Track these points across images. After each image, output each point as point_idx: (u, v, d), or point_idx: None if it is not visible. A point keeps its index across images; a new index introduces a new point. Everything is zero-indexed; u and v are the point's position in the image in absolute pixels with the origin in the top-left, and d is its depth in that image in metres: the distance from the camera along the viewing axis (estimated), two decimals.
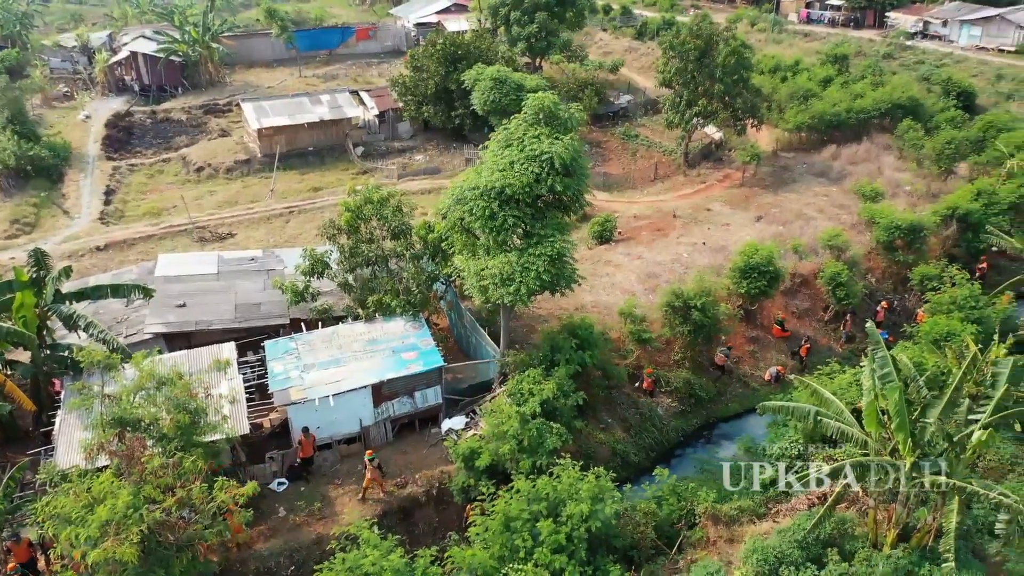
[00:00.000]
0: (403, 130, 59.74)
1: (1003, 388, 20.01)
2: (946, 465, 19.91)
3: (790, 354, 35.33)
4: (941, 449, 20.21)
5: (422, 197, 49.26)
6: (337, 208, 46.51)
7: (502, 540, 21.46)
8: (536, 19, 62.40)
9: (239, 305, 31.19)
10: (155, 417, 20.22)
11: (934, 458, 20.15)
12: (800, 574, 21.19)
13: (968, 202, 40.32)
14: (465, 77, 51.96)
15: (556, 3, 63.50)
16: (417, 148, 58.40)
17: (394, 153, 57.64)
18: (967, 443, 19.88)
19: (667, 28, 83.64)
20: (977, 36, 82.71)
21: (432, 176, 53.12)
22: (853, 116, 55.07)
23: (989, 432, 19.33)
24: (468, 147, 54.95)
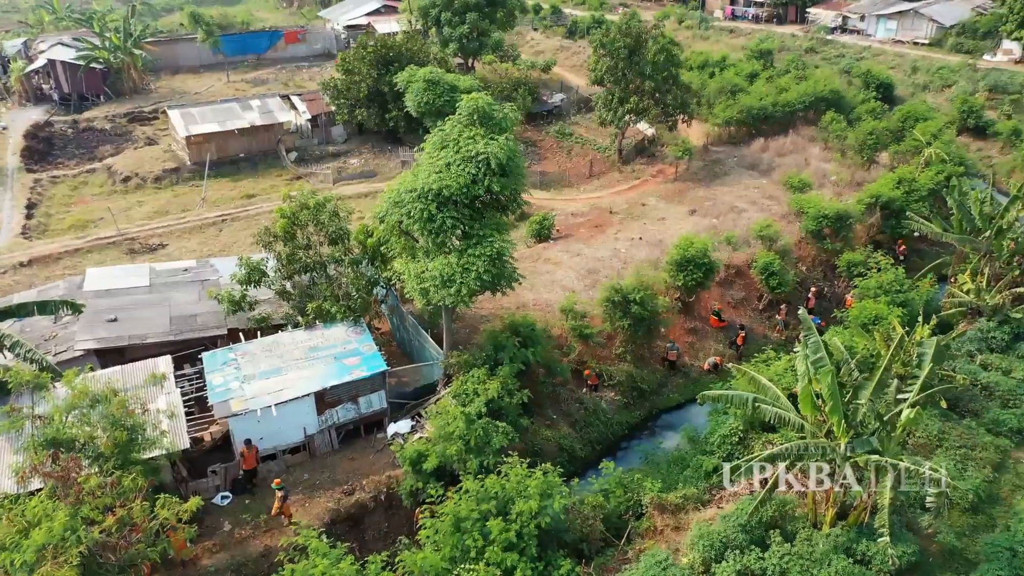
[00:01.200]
0: (336, 134, 59.07)
1: (928, 367, 20.90)
2: (878, 444, 20.71)
3: (728, 343, 36.17)
4: (873, 429, 21.00)
5: (359, 201, 48.96)
6: (272, 215, 46.25)
7: (453, 541, 21.46)
8: (467, 19, 62.40)
9: (174, 317, 30.43)
10: (91, 436, 19.62)
11: (867, 437, 20.91)
12: (745, 557, 21.74)
13: (890, 190, 41.92)
14: (398, 79, 51.54)
15: (487, 3, 63.57)
16: (351, 152, 57.82)
17: (328, 157, 56.95)
18: (897, 422, 20.74)
19: (597, 27, 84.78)
20: (893, 30, 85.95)
21: (368, 180, 52.70)
22: (779, 109, 56.74)
23: (917, 410, 20.25)
24: (404, 149, 54.68)
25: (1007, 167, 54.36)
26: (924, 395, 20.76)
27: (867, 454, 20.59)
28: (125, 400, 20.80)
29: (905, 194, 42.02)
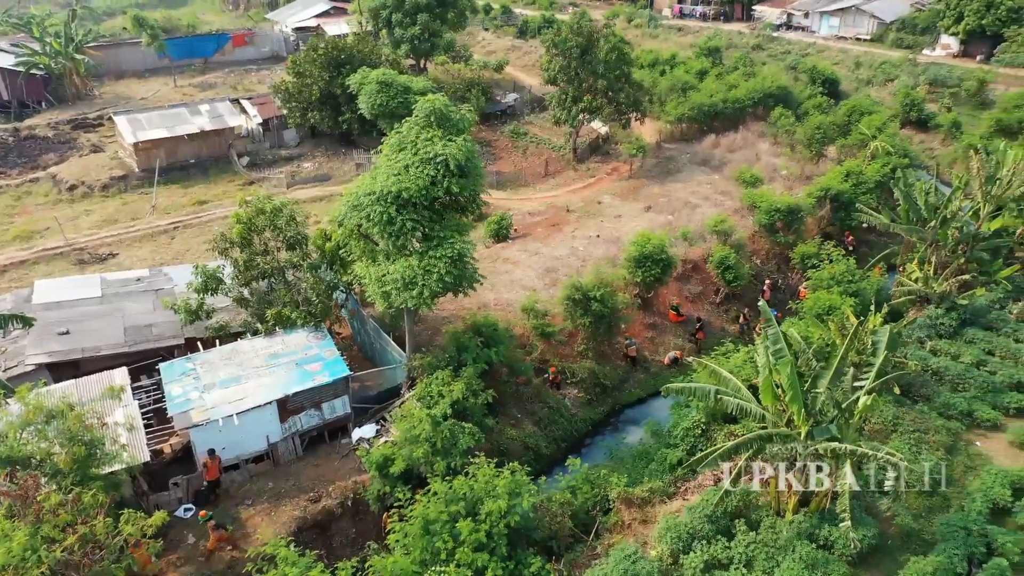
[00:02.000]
0: (289, 137, 58.34)
1: (883, 355, 21.49)
2: (837, 431, 21.22)
3: (687, 338, 36.66)
4: (832, 416, 21.52)
5: (314, 205, 48.47)
6: (227, 221, 45.49)
7: (422, 544, 21.41)
8: (418, 20, 62.16)
9: (128, 328, 29.76)
10: (48, 452, 19.08)
11: (826, 425, 21.41)
12: (712, 547, 22.14)
13: (839, 183, 42.96)
14: (350, 81, 51.20)
15: (437, 4, 63.38)
16: (305, 155, 57.17)
17: (281, 161, 56.23)
18: (854, 409, 21.27)
19: (548, 26, 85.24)
20: (836, 26, 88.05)
21: (323, 183, 52.15)
22: (729, 106, 57.70)
23: (873, 397, 20.83)
24: (358, 152, 54.27)
25: (949, 158, 56.04)
26: (880, 382, 21.35)
27: (826, 441, 21.09)
28: (82, 414, 20.28)
29: (853, 187, 43.11)
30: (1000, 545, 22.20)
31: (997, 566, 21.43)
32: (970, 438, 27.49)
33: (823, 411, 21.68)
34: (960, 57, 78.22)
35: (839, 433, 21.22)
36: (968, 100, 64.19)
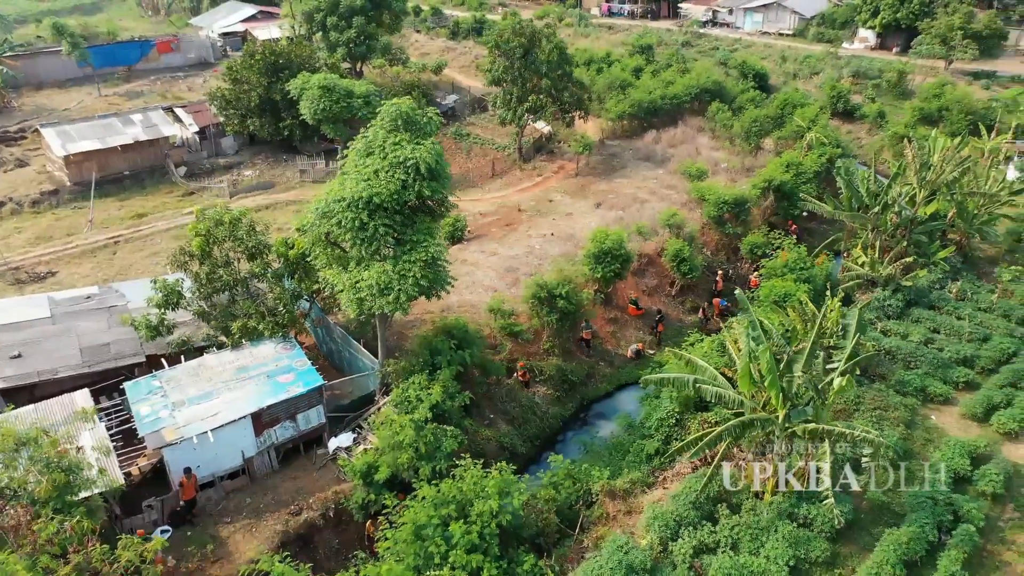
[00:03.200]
0: (227, 145, 56.92)
1: (854, 337, 22.40)
2: (813, 413, 22.04)
3: (648, 330, 37.35)
4: (808, 399, 22.31)
5: (260, 214, 47.32)
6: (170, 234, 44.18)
7: (415, 549, 21.32)
8: (354, 23, 61.45)
9: (84, 348, 28.64)
10: (22, 481, 18.24)
11: (802, 408, 22.21)
12: (699, 532, 22.69)
13: (781, 174, 44.40)
14: (290, 87, 50.51)
15: (372, 7, 62.80)
16: (244, 163, 55.88)
17: (220, 170, 54.81)
18: (829, 391, 22.10)
19: (480, 27, 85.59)
20: (759, 22, 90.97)
21: (267, 191, 51.10)
22: (668, 102, 58.94)
23: (848, 378, 21.67)
24: (302, 158, 53.30)
25: (876, 147, 58.59)
26: (852, 363, 22.21)
27: (803, 423, 21.88)
28: (57, 440, 19.47)
29: (794, 177, 44.62)
30: (966, 512, 23.37)
31: (965, 532, 22.60)
32: (925, 413, 28.85)
33: (798, 394, 22.45)
34: (877, 49, 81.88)
35: (815, 414, 22.06)
36: (889, 91, 67.22)
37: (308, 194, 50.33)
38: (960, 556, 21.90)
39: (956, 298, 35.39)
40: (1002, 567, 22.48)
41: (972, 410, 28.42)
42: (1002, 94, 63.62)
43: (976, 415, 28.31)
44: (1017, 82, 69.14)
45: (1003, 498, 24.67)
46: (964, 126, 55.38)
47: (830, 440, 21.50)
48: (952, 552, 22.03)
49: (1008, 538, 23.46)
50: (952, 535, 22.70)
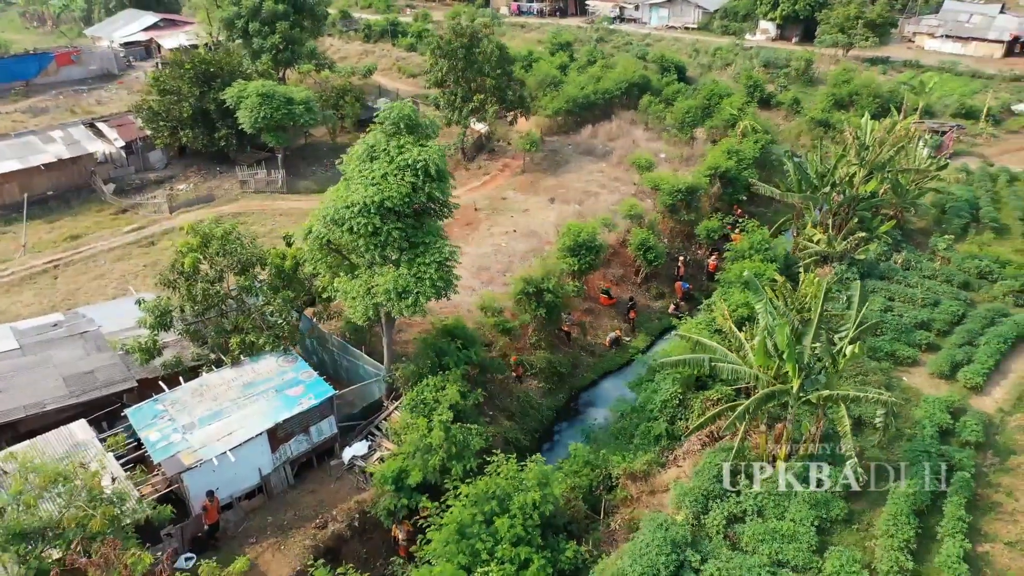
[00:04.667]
0: (155, 160, 54.56)
1: (859, 307, 23.97)
2: (825, 380, 23.49)
3: (621, 319, 38.41)
4: (819, 368, 23.73)
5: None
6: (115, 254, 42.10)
7: (461, 548, 21.47)
8: (277, 29, 60.03)
9: (68, 378, 27.15)
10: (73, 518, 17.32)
11: (814, 377, 23.63)
12: (726, 503, 23.78)
13: (724, 161, 46.38)
14: (226, 96, 49.01)
15: (294, 11, 61.50)
16: (176, 177, 53.73)
17: (151, 185, 52.53)
18: (839, 359, 23.56)
19: (392, 29, 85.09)
20: (665, 17, 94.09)
21: (208, 204, 49.33)
22: (600, 97, 60.34)
23: (858, 344, 23.17)
24: (241, 169, 51.68)
25: (794, 132, 61.92)
26: (858, 331, 23.76)
27: (817, 391, 23.29)
28: (97, 472, 18.60)
29: (736, 163, 46.70)
30: (957, 461, 25.43)
31: (962, 479, 24.61)
32: (897, 375, 31.03)
33: (810, 364, 23.83)
34: (778, 40, 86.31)
35: (827, 382, 23.52)
36: (797, 79, 70.98)
37: (252, 205, 49.09)
38: (961, 501, 23.86)
39: (902, 267, 38.09)
40: (995, 508, 24.53)
41: (939, 369, 30.76)
42: (900, 76, 68.42)
43: (943, 373, 30.67)
44: (910, 66, 74.49)
45: (983, 446, 26.91)
46: (874, 109, 59.26)
47: (845, 404, 22.97)
48: (954, 498, 23.97)
49: (994, 482, 25.61)
50: (951, 483, 24.68)
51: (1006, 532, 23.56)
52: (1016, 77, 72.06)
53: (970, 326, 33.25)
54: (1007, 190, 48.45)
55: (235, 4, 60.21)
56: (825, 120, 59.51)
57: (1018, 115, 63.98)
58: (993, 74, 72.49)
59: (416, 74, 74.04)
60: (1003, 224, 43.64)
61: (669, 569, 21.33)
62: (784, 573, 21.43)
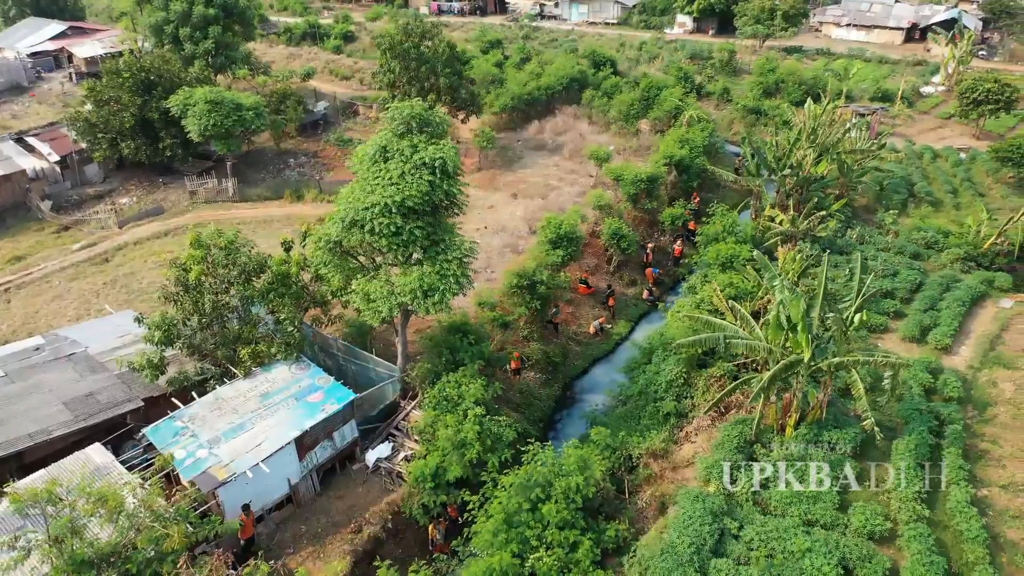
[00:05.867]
0: (92, 174, 52.18)
1: (862, 278, 25.62)
2: (835, 348, 24.99)
3: (601, 307, 39.37)
4: (828, 337, 25.21)
5: (156, 242, 44.39)
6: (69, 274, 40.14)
7: (512, 536, 21.84)
8: (210, 34, 58.31)
9: (68, 402, 25.96)
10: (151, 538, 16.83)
11: (824, 346, 25.09)
12: (749, 472, 24.97)
13: (678, 150, 48.03)
14: (171, 104, 47.37)
15: (225, 15, 59.85)
16: (117, 191, 51.60)
17: (91, 200, 50.32)
18: (847, 327, 25.10)
19: (314, 32, 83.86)
20: (585, 13, 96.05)
21: (158, 217, 47.61)
22: (543, 93, 61.26)
23: (865, 312, 24.73)
24: (191, 179, 50.00)
25: (726, 120, 64.52)
26: (862, 300, 25.36)
27: (827, 360, 24.76)
28: (158, 490, 18.10)
29: (689, 152, 48.45)
30: (947, 416, 27.49)
31: (955, 432, 26.62)
32: (872, 342, 33.09)
33: (819, 335, 25.29)
34: (695, 33, 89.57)
35: (836, 350, 25.04)
36: (722, 69, 73.94)
37: (206, 216, 47.66)
38: (957, 452, 25.84)
39: (858, 241, 40.53)
40: (984, 456, 26.63)
41: (910, 333, 33.01)
42: (816, 64, 72.24)
43: (914, 337, 32.94)
44: (822, 54, 78.77)
45: (963, 400, 29.12)
46: (800, 95, 62.47)
47: (856, 369, 24.51)
48: (951, 449, 25.92)
49: (978, 432, 27.78)
50: (945, 436, 26.67)
51: (998, 477, 25.63)
52: (918, 61, 77.27)
53: (929, 292, 35.77)
54: (932, 166, 52.09)
55: (162, 9, 58.10)
56: (757, 108, 62.24)
57: (926, 97, 68.67)
58: (898, 59, 77.45)
59: (349, 76, 73.23)
60: (937, 198, 46.96)
61: (714, 537, 22.37)
62: (816, 531, 22.74)
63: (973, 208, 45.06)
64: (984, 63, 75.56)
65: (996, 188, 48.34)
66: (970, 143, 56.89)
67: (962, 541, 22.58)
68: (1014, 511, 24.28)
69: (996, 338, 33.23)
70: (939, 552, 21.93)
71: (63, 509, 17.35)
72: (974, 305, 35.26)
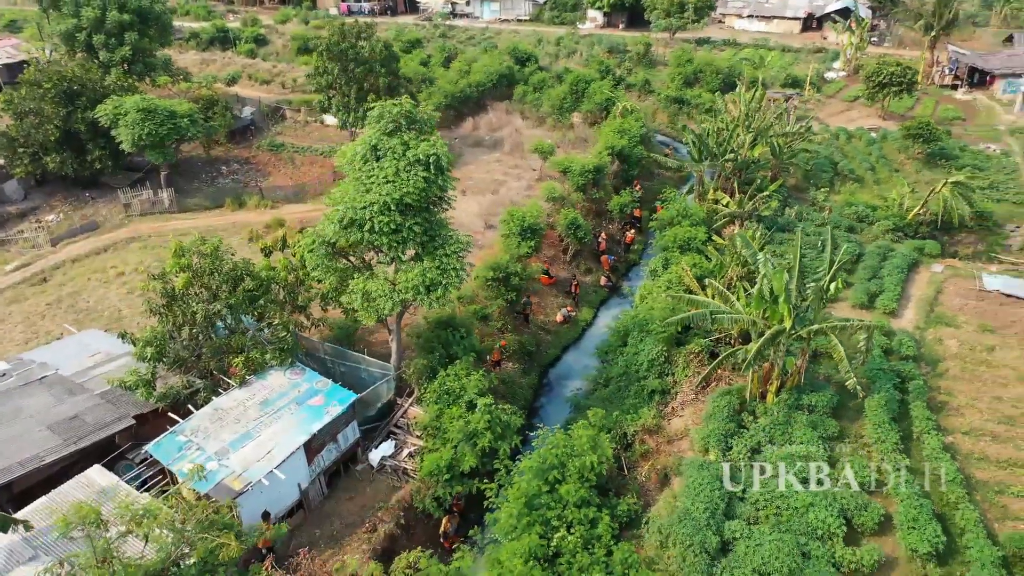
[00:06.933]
0: (10, 191, 49.28)
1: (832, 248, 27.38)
2: (813, 316, 26.70)
3: (564, 296, 40.31)
4: (806, 307, 26.87)
5: (99, 259, 42.61)
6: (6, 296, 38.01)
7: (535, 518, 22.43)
8: (126, 40, 56.01)
9: (53, 426, 24.92)
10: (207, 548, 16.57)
11: (802, 315, 26.75)
12: (742, 439, 26.37)
13: (618, 140, 49.51)
14: (99, 114, 45.40)
15: (140, 21, 57.58)
16: (40, 208, 48.92)
17: (12, 219, 47.56)
18: (823, 296, 26.83)
19: (223, 36, 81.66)
20: (497, 11, 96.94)
21: (93, 233, 45.59)
22: (473, 90, 61.74)
23: (840, 279, 26.51)
24: (124, 191, 47.95)
25: (650, 110, 66.64)
26: (835, 269, 27.13)
27: (807, 327, 26.43)
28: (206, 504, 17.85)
29: (628, 141, 50.02)
30: (907, 373, 29.75)
31: (917, 387, 28.90)
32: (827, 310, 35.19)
33: (797, 304, 26.94)
34: (606, 27, 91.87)
35: (814, 317, 26.75)
36: (639, 62, 76.24)
37: (144, 229, 46.02)
38: (923, 404, 28.07)
39: (796, 218, 42.96)
40: (943, 407, 28.97)
41: (860, 300, 35.39)
42: (725, 53, 75.40)
43: (864, 304, 35.33)
44: (730, 45, 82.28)
45: (917, 358, 31.52)
46: (718, 84, 65.29)
47: (835, 333, 26.27)
48: (916, 403, 28.15)
49: (934, 385, 30.16)
50: (908, 391, 28.88)
51: (959, 424, 27.99)
52: (818, 49, 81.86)
53: (869, 263, 38.38)
54: (848, 146, 55.53)
55: (73, 16, 55.39)
56: (679, 97, 64.63)
57: (829, 82, 72.89)
58: (799, 47, 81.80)
59: (269, 80, 71.62)
60: (859, 175, 50.18)
61: (724, 501, 23.64)
62: (811, 486, 24.32)
63: (893, 183, 48.48)
64: (876, 48, 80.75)
65: (909, 164, 52.04)
66: (877, 123, 60.89)
67: (942, 484, 24.63)
68: (978, 454, 26.62)
69: (934, 300, 36.03)
70: (924, 495, 23.91)
71: (102, 530, 16.87)
72: (910, 271, 38.07)
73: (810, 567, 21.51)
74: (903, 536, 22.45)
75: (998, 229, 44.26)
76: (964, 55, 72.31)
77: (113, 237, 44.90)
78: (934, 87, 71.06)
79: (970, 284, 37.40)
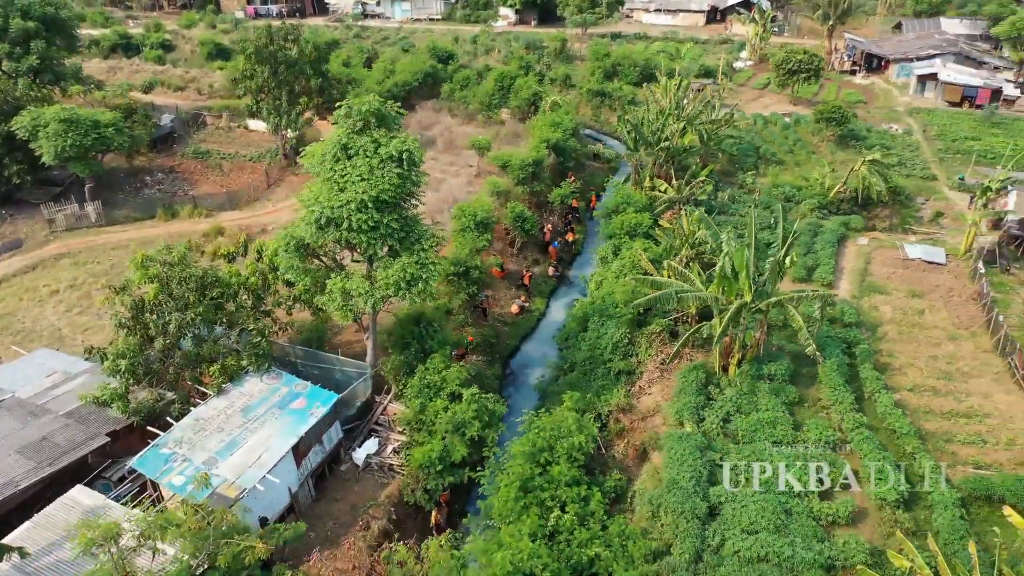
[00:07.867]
0: None
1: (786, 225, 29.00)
2: (771, 289, 28.28)
3: (517, 288, 40.99)
4: (763, 281, 28.41)
5: (28, 277, 40.69)
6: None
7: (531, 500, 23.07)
8: (33, 49, 53.32)
9: (22, 449, 23.91)
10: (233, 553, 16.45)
11: (761, 289, 28.29)
12: (712, 410, 27.71)
13: (552, 133, 50.49)
14: (17, 126, 43.25)
15: (46, 29, 54.88)
16: None
17: None
18: (779, 270, 28.43)
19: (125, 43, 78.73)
20: (408, 10, 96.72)
21: (18, 251, 43.35)
22: (400, 89, 61.61)
23: (793, 254, 28.15)
24: (47, 206, 45.69)
25: (573, 103, 67.94)
26: (787, 247, 28.74)
27: (766, 300, 28.00)
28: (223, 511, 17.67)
29: (562, 134, 51.09)
30: (852, 338, 31.83)
31: (864, 350, 30.99)
32: None
33: (755, 279, 28.46)
34: (518, 25, 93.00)
35: (771, 290, 28.34)
36: (556, 57, 77.65)
37: (74, 244, 44.16)
38: (871, 366, 30.13)
39: (729, 200, 45.00)
40: (887, 367, 31.15)
41: (798, 274, 37.48)
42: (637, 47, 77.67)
43: (803, 277, 37.45)
44: (641, 39, 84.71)
45: (858, 324, 33.71)
46: (637, 76, 67.31)
47: (793, 304, 27.92)
48: (865, 365, 30.21)
49: (875, 348, 32.38)
50: (857, 355, 30.92)
51: (904, 382, 30.18)
52: (724, 40, 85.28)
53: (803, 239, 40.61)
54: (766, 131, 58.33)
55: None
56: (601, 90, 66.27)
57: (738, 71, 76.15)
58: (706, 39, 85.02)
59: (183, 87, 69.34)
60: (780, 158, 52.84)
61: (707, 468, 24.85)
62: (783, 448, 25.86)
63: (812, 164, 51.30)
64: (778, 38, 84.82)
65: (823, 145, 55.13)
66: (789, 108, 64.15)
67: (898, 437, 26.57)
68: (924, 407, 28.80)
69: (865, 271, 38.54)
70: (883, 448, 25.77)
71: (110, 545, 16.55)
72: (839, 245, 40.54)
73: (793, 522, 22.94)
74: (871, 489, 24.14)
75: (910, 203, 47.51)
76: (860, 42, 76.91)
77: (40, 254, 42.87)
78: (835, 73, 75.27)
79: (894, 254, 40.17)
